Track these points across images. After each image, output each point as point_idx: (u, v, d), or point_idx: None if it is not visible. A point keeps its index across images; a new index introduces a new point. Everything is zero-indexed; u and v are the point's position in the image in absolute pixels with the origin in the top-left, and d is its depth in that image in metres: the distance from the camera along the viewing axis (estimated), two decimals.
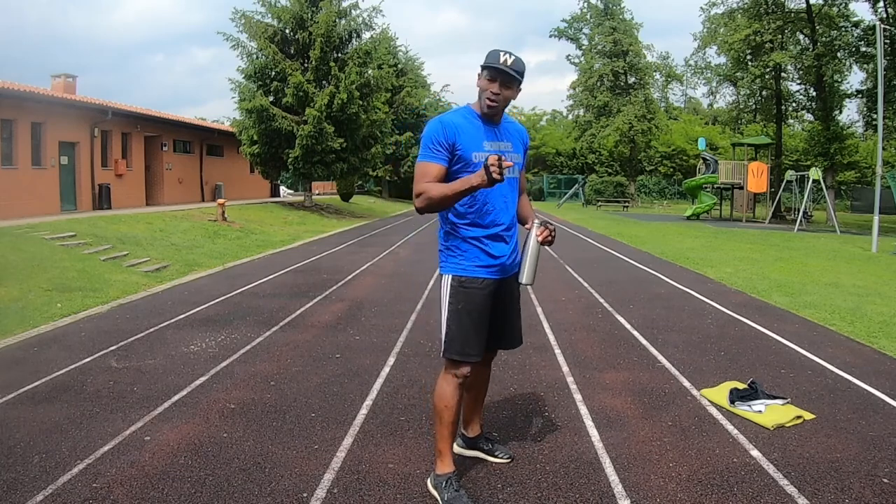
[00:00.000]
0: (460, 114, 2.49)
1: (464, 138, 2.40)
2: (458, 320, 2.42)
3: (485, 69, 2.38)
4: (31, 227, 10.08)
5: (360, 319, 5.73)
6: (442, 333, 2.46)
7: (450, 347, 2.43)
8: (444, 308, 2.46)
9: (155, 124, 19.93)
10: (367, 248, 12.58)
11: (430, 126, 2.43)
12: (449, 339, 2.43)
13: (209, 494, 2.48)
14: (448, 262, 2.48)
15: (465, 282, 2.43)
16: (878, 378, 4.00)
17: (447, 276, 2.46)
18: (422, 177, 2.37)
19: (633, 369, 4.22)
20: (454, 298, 2.43)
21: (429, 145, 2.39)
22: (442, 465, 2.48)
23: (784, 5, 26.81)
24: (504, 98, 2.40)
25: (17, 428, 3.13)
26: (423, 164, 2.39)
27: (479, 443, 2.83)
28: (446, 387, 2.45)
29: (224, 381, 3.92)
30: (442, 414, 2.45)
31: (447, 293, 2.45)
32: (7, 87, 13.58)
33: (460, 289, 2.43)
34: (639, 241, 14.34)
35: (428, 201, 2.33)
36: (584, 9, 39.58)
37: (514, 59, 2.36)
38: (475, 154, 2.40)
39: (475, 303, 2.43)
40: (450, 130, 2.38)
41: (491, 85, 2.38)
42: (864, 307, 6.43)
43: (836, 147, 25.62)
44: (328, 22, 20.25)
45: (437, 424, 2.48)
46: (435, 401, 2.48)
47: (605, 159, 45.13)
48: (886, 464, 2.76)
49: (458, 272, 2.44)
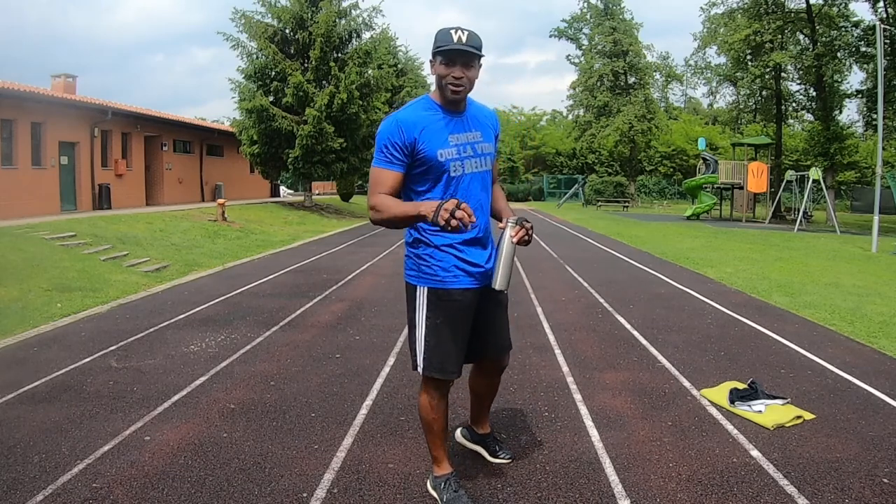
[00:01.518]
0: (419, 107, 2.23)
1: (426, 135, 2.16)
2: (437, 335, 2.24)
3: (438, 54, 2.13)
4: (31, 227, 10.08)
5: (360, 319, 5.73)
6: (419, 350, 2.27)
7: (429, 365, 2.26)
8: (419, 323, 2.26)
9: (155, 124, 19.93)
10: (367, 248, 12.58)
11: (386, 126, 2.16)
12: (428, 355, 2.25)
13: (209, 494, 2.48)
14: (421, 272, 2.25)
15: (443, 294, 2.23)
16: (878, 378, 4.00)
17: (422, 288, 2.25)
18: (375, 186, 2.16)
19: (633, 369, 4.22)
20: (432, 313, 2.23)
21: (382, 149, 2.16)
22: (439, 468, 2.45)
23: (784, 5, 26.80)
24: (468, 80, 2.16)
25: (17, 428, 3.13)
26: (377, 171, 2.17)
27: (486, 440, 2.81)
28: (430, 400, 2.33)
29: (224, 381, 3.92)
30: (431, 425, 2.37)
31: (423, 307, 2.25)
32: (7, 87, 13.58)
33: (439, 302, 2.23)
34: (639, 241, 14.34)
35: (379, 217, 2.14)
36: (584, 9, 39.58)
37: (468, 34, 2.12)
38: (440, 151, 2.17)
39: (455, 316, 2.25)
40: (408, 130, 2.14)
41: (451, 70, 2.13)
42: (864, 307, 6.43)
43: (836, 147, 25.61)
44: (328, 22, 20.25)
45: (428, 434, 2.41)
46: (421, 414, 2.39)
47: (605, 159, 45.11)
48: (886, 464, 2.76)
49: (435, 284, 2.23)
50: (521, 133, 50.40)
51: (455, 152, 2.21)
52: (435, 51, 2.14)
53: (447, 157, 2.19)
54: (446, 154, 2.19)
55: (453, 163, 2.21)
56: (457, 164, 2.22)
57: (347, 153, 21.19)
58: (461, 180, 2.24)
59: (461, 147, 2.23)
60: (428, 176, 2.20)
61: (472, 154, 2.26)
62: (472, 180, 2.26)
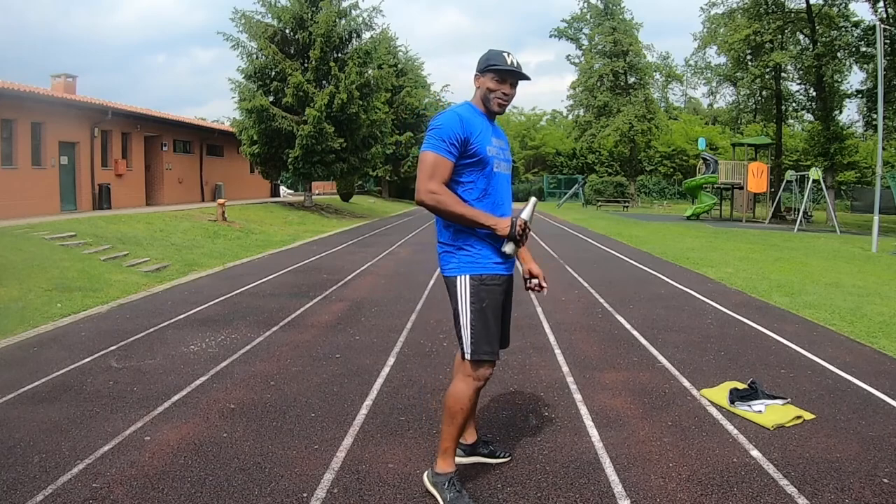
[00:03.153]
0: (470, 109, 2.48)
1: (478, 133, 2.40)
2: (483, 319, 2.37)
3: (492, 70, 2.42)
4: (31, 227, 10.08)
5: (360, 319, 5.73)
6: (467, 336, 2.38)
7: (478, 349, 2.37)
8: (464, 309, 2.38)
9: (155, 124, 19.92)
10: (367, 248, 12.58)
11: (447, 118, 2.38)
12: (476, 339, 2.36)
13: (209, 494, 2.48)
14: (462, 261, 2.41)
15: (486, 279, 2.39)
16: (878, 378, 4.00)
17: (463, 277, 2.39)
18: (435, 172, 2.32)
19: (633, 369, 4.22)
20: (476, 297, 2.37)
21: (444, 138, 2.33)
22: (444, 463, 2.45)
23: (784, 5, 26.80)
24: (511, 97, 2.49)
25: (17, 428, 3.13)
26: (438, 159, 2.33)
27: (477, 448, 2.79)
28: (466, 389, 2.40)
29: (224, 381, 3.92)
30: (456, 415, 2.40)
31: (467, 293, 2.38)
32: (7, 87, 13.58)
33: (482, 286, 2.38)
34: (639, 241, 14.34)
35: (438, 206, 2.32)
36: (584, 9, 39.59)
37: (516, 60, 2.45)
38: (488, 148, 2.43)
39: (496, 300, 2.42)
40: (467, 125, 2.37)
41: (501, 86, 2.44)
42: (864, 307, 6.42)
43: (836, 147, 25.60)
44: (328, 22, 20.25)
45: (449, 425, 2.42)
46: (450, 402, 2.41)
47: (605, 159, 45.15)
48: (886, 464, 2.76)
49: (477, 271, 2.39)
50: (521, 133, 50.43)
51: (496, 152, 2.49)
52: (488, 68, 2.43)
53: (492, 153, 2.45)
54: (492, 151, 2.45)
55: (494, 160, 2.47)
56: (496, 162, 2.49)
57: (347, 153, 21.20)
58: (497, 177, 2.49)
59: (498, 149, 2.52)
60: (475, 168, 2.41)
61: (504, 157, 2.56)
62: (502, 179, 2.54)
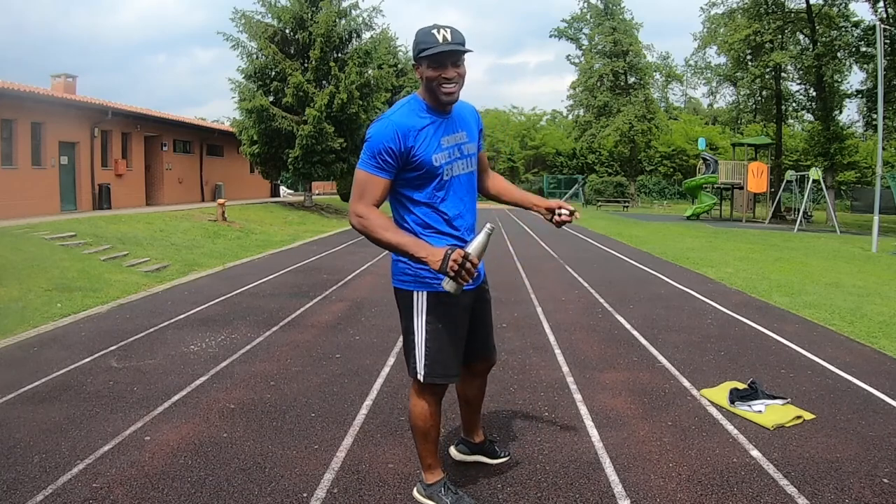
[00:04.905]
0: (412, 110, 2.15)
1: (421, 141, 2.10)
2: (438, 340, 2.20)
3: (424, 58, 2.05)
4: (31, 227, 10.08)
5: (360, 319, 5.73)
6: (419, 356, 2.21)
7: (432, 371, 2.21)
8: (419, 328, 2.20)
9: (155, 124, 19.92)
10: (367, 247, 12.57)
11: (381, 131, 2.07)
12: (430, 361, 2.20)
13: (209, 494, 2.48)
14: (419, 277, 2.17)
15: (444, 297, 2.13)
16: (878, 378, 4.00)
17: (420, 293, 2.18)
18: (364, 193, 2.08)
19: (633, 369, 4.22)
20: (433, 317, 2.18)
21: (376, 154, 2.07)
22: (433, 474, 2.37)
23: (784, 5, 26.80)
24: (460, 77, 2.10)
25: (17, 428, 3.13)
26: (367, 177, 2.08)
27: (484, 447, 2.75)
28: (426, 407, 2.27)
29: (224, 381, 3.92)
30: (427, 433, 2.30)
31: (422, 312, 2.18)
32: (7, 87, 13.57)
33: (440, 306, 2.18)
34: (639, 241, 14.34)
35: (364, 231, 2.07)
36: (584, 9, 39.60)
37: (451, 31, 2.06)
38: (435, 157, 2.13)
39: (455, 318, 2.22)
40: (404, 136, 2.07)
41: (440, 71, 2.06)
42: (864, 307, 6.42)
43: (836, 147, 25.61)
44: (328, 22, 20.24)
45: (422, 443, 2.32)
46: (416, 422, 2.30)
47: (605, 159, 45.11)
48: (886, 464, 2.76)
49: (436, 288, 2.13)
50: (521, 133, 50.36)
51: (446, 156, 2.18)
52: (420, 55, 2.07)
53: (440, 161, 2.16)
54: (440, 158, 2.15)
55: (446, 167, 2.18)
56: (448, 167, 2.19)
57: (347, 153, 21.18)
58: (451, 183, 2.21)
59: (450, 150, 2.20)
60: (421, 181, 2.15)
61: (460, 156, 2.23)
62: (459, 183, 2.24)
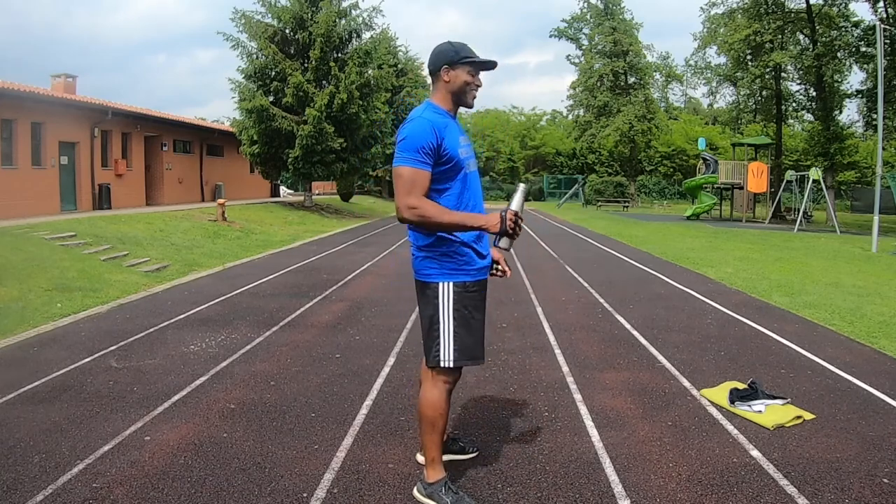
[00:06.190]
0: (435, 111, 2.39)
1: (449, 136, 2.33)
2: (467, 326, 2.37)
3: (468, 63, 2.37)
4: (31, 227, 10.08)
5: (360, 319, 5.73)
6: (448, 343, 2.36)
7: (461, 356, 2.37)
8: (447, 317, 2.36)
9: (155, 124, 19.92)
10: (367, 247, 12.58)
11: (418, 127, 2.28)
12: (459, 346, 2.36)
13: (209, 494, 2.48)
14: (444, 268, 2.37)
15: (470, 286, 2.38)
16: (878, 378, 4.00)
17: (446, 284, 2.36)
18: (413, 187, 2.25)
19: (633, 369, 4.22)
20: (460, 304, 2.36)
21: (418, 149, 2.26)
22: (435, 472, 2.43)
23: (784, 5, 26.79)
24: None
25: (17, 428, 3.13)
26: (415, 172, 2.26)
27: (448, 445, 2.78)
28: (438, 395, 2.40)
29: (224, 381, 3.92)
30: (436, 422, 2.40)
31: (450, 301, 2.36)
32: (7, 87, 13.57)
33: (465, 294, 2.38)
34: (639, 241, 14.34)
35: (422, 221, 2.25)
36: (584, 9, 39.56)
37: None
38: (459, 150, 2.37)
39: (479, 305, 2.43)
40: (439, 132, 2.29)
41: (474, 78, 2.41)
42: (864, 307, 6.42)
43: (836, 147, 25.59)
44: (328, 22, 20.25)
45: (429, 433, 2.41)
46: (426, 411, 2.40)
47: (605, 159, 45.12)
48: (886, 464, 2.76)
49: (461, 278, 2.37)
50: (521, 133, 50.38)
51: (465, 151, 2.43)
52: (463, 60, 2.36)
53: (462, 155, 2.39)
54: (461, 153, 2.39)
55: (466, 161, 2.42)
56: (467, 162, 2.43)
57: (347, 153, 21.20)
58: (469, 177, 2.43)
59: (466, 147, 2.45)
60: (450, 174, 2.35)
61: (470, 154, 2.49)
62: (474, 177, 2.49)
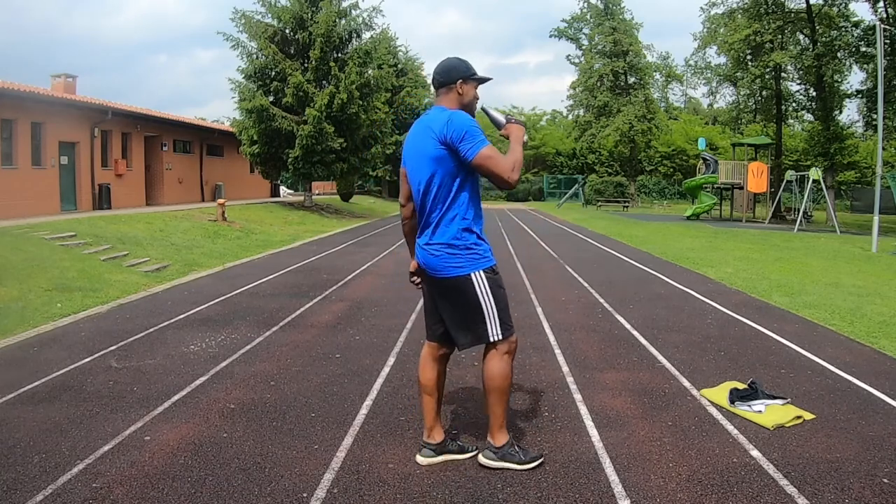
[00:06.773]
0: None
1: None
2: (503, 300, 2.67)
3: (476, 79, 2.71)
4: (31, 227, 10.08)
5: (360, 319, 5.73)
6: (496, 321, 2.63)
7: (507, 327, 2.66)
8: (486, 299, 2.62)
9: (155, 124, 19.92)
10: (367, 248, 12.58)
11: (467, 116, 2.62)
12: (503, 319, 2.64)
13: (209, 494, 2.48)
14: (472, 260, 2.64)
15: (496, 268, 2.70)
16: (878, 378, 4.00)
17: (477, 273, 2.62)
18: (499, 156, 2.56)
19: (633, 369, 4.22)
20: (494, 285, 2.65)
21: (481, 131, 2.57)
22: (503, 435, 2.70)
23: (784, 5, 26.78)
24: None
25: (17, 428, 3.13)
26: (491, 147, 2.56)
27: (447, 445, 2.80)
28: (504, 365, 2.65)
29: (224, 381, 3.92)
30: (506, 391, 2.67)
31: (486, 285, 2.63)
32: (7, 87, 13.57)
33: (495, 276, 2.67)
34: (639, 241, 14.34)
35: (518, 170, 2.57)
36: (584, 9, 39.56)
37: None
38: None
39: (502, 283, 2.74)
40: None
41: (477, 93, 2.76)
42: (864, 307, 6.42)
43: (836, 147, 25.59)
44: (328, 22, 20.25)
45: (500, 402, 2.66)
46: (498, 382, 2.64)
47: (605, 159, 45.12)
48: (886, 464, 2.76)
49: (488, 264, 2.66)
50: None
51: None
52: (473, 76, 2.70)
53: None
54: None
55: None
56: None
57: (347, 153, 21.19)
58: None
59: None
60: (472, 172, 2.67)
61: None
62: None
